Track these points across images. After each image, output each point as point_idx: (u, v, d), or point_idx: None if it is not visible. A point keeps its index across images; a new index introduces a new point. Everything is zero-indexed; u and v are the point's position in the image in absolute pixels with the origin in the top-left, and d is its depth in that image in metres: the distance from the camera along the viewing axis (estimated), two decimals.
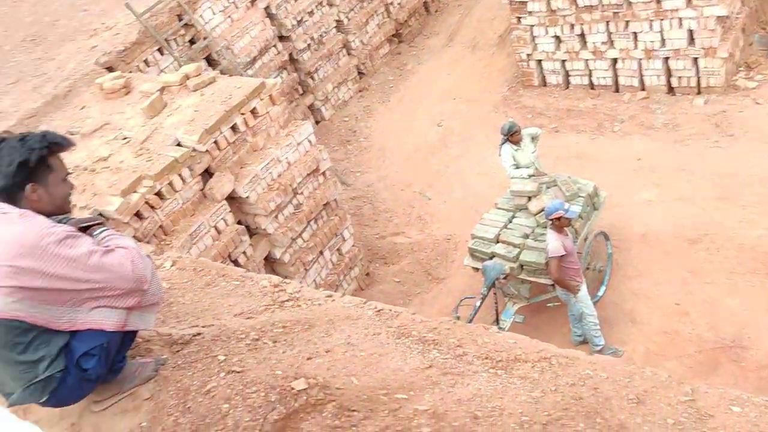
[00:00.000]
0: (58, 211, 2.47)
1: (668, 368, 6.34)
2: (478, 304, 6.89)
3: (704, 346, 6.43)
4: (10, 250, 2.27)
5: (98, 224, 2.60)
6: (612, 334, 6.84)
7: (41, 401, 2.44)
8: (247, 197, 6.95)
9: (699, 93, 9.30)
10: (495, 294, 7.00)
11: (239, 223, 7.15)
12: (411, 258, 8.89)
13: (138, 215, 6.26)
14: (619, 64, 9.73)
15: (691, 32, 8.90)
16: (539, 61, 10.43)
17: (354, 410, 2.57)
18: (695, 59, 9.06)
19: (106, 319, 2.41)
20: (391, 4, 12.76)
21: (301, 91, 11.53)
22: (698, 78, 9.21)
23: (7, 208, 2.37)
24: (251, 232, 7.31)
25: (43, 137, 2.41)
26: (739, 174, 8.04)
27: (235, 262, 6.91)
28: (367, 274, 8.74)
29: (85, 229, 2.54)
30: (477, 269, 7.29)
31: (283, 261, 7.40)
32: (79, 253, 2.32)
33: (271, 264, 7.51)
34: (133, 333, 2.70)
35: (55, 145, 2.44)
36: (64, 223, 2.47)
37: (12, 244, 2.27)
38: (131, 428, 2.67)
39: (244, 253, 7.06)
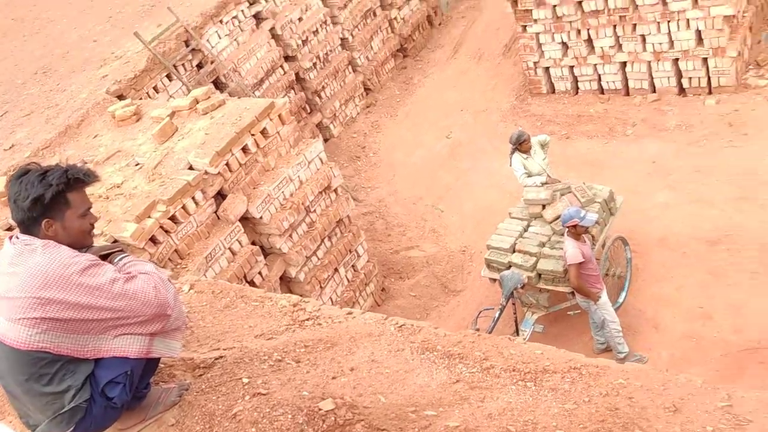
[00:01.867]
0: (76, 244, 2.45)
1: (694, 374, 6.23)
2: (497, 315, 6.83)
3: (730, 349, 6.32)
4: (35, 282, 2.27)
5: (119, 251, 2.60)
6: (635, 341, 6.75)
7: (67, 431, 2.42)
8: (261, 217, 6.95)
9: (710, 93, 9.24)
10: (513, 304, 6.94)
11: (253, 243, 7.15)
12: (426, 271, 8.85)
13: (153, 240, 6.27)
14: (628, 68, 9.70)
15: (699, 33, 8.86)
16: (547, 69, 10.41)
17: (383, 429, 2.53)
18: (705, 59, 9.01)
19: (129, 347, 2.39)
20: (395, 19, 12.83)
21: (309, 110, 11.58)
22: (708, 78, 9.16)
23: (30, 240, 2.37)
24: (266, 252, 7.30)
25: (64, 173, 2.41)
26: (757, 172, 7.96)
27: (251, 283, 6.90)
28: (383, 290, 8.70)
29: (105, 257, 2.54)
30: (494, 280, 7.24)
31: (298, 280, 7.38)
32: (102, 281, 2.31)
33: (286, 283, 7.50)
34: (156, 359, 2.68)
35: (76, 180, 2.43)
36: (85, 252, 2.47)
37: (36, 276, 2.27)
38: None
39: (260, 273, 7.04)
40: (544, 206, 7.23)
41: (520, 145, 7.38)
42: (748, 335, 6.38)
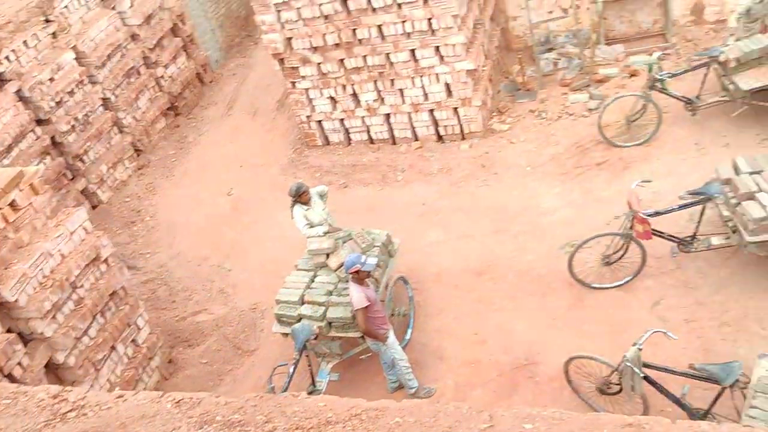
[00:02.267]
0: None
1: (475, 396, 6.76)
2: (291, 370, 6.78)
3: (503, 369, 6.96)
4: None
5: None
6: (424, 374, 7.12)
7: None
8: (16, 300, 6.19)
9: (464, 138, 10.30)
10: (308, 356, 6.95)
11: (9, 331, 6.32)
12: (217, 335, 8.53)
13: None
14: (392, 119, 10.47)
15: (447, 86, 9.89)
16: (319, 122, 10.84)
17: None
18: (455, 109, 10.06)
19: None
20: (162, 77, 12.48)
21: (70, 176, 10.69)
22: (461, 125, 10.21)
23: None
24: (26, 338, 6.49)
25: None
26: (508, 207, 8.99)
27: (10, 377, 6.07)
28: (170, 361, 8.19)
29: None
30: (286, 334, 7.21)
31: (68, 365, 6.65)
32: None
33: (54, 371, 6.72)
34: None
35: None
36: None
37: None
38: None
39: (20, 364, 6.23)
40: (328, 255, 7.41)
41: (300, 197, 7.54)
42: (516, 354, 7.08)
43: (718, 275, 7.18)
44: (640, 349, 5.56)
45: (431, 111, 10.19)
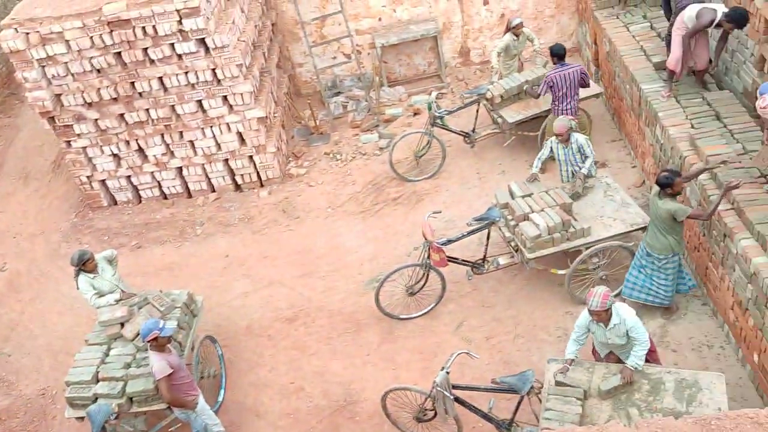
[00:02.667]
0: None
1: None
2: None
3: (323, 414, 6.93)
4: None
5: None
6: None
7: None
8: None
9: (262, 186, 10.27)
10: None
11: None
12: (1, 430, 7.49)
13: None
14: (185, 172, 10.13)
15: (240, 134, 9.84)
16: (103, 181, 10.15)
17: None
18: (251, 157, 10.01)
19: None
20: None
21: None
22: (258, 173, 10.18)
23: None
24: None
25: None
26: (313, 249, 9.09)
27: None
28: None
29: None
30: (82, 418, 6.54)
31: None
32: None
33: None
34: None
35: None
36: None
37: None
38: None
39: None
40: (123, 324, 6.89)
41: (84, 265, 6.96)
42: (335, 396, 7.10)
43: (508, 292, 7.87)
44: (447, 373, 5.86)
45: (226, 161, 10.03)
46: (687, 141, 7.39)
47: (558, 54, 8.56)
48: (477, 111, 9.69)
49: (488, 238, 7.62)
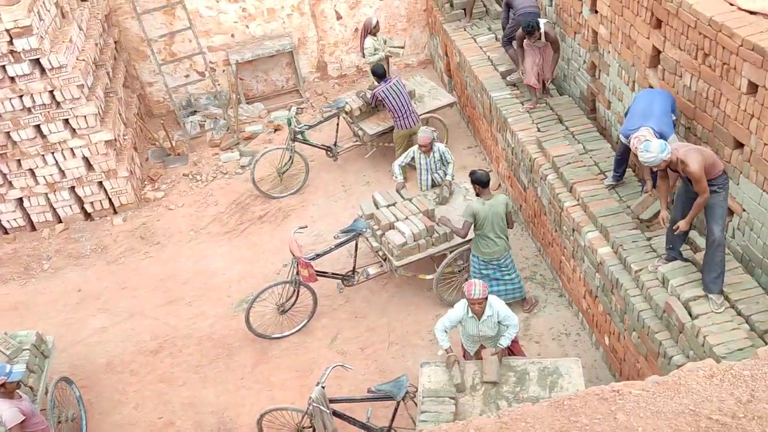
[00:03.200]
0: None
1: None
2: None
3: None
4: None
5: None
6: None
7: None
8: None
9: (116, 212, 9.79)
10: None
11: None
12: None
13: None
14: (26, 203, 9.44)
15: (86, 159, 9.32)
16: None
17: None
18: (100, 183, 9.51)
19: None
20: None
21: None
22: (110, 199, 9.69)
23: None
24: None
25: None
26: (177, 275, 8.79)
27: None
28: None
29: None
30: None
31: None
32: None
33: None
34: None
35: None
36: None
37: None
38: None
39: None
40: None
41: None
42: (208, 427, 6.89)
43: (380, 301, 8.05)
44: (323, 387, 5.89)
45: (72, 188, 9.46)
46: (535, 144, 7.97)
47: (378, 74, 9.13)
48: (337, 124, 9.86)
49: (356, 250, 7.76)
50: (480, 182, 6.96)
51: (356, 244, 7.75)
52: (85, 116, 8.96)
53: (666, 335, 5.69)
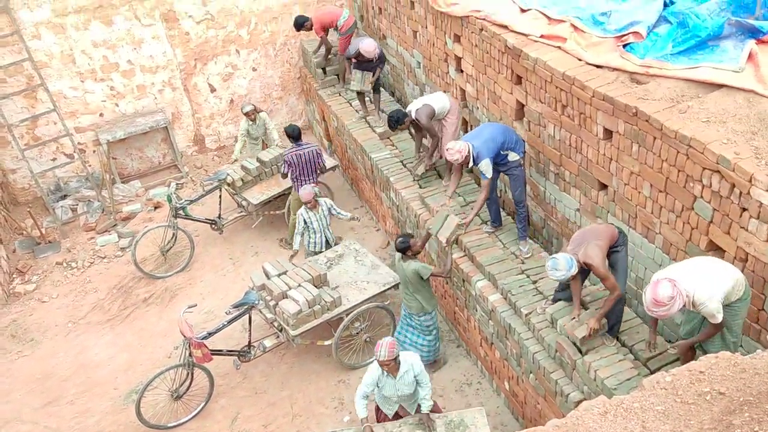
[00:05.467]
0: None
1: None
2: None
3: None
4: None
5: None
6: None
7: None
8: None
9: None
10: None
11: None
12: None
13: None
14: None
15: None
16: None
17: None
18: None
19: None
20: None
21: None
22: None
23: None
24: None
25: None
26: (56, 372, 8.14)
27: None
28: None
29: None
30: None
31: None
32: None
33: None
34: None
35: None
36: None
37: None
38: None
39: None
40: None
41: None
42: None
43: (280, 373, 7.82)
44: None
45: None
46: (418, 200, 8.21)
47: (292, 135, 9.01)
48: (220, 196, 9.69)
49: (250, 323, 7.55)
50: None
51: (250, 318, 7.53)
52: None
53: (561, 374, 5.90)
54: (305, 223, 8.30)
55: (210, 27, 11.11)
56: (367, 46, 9.13)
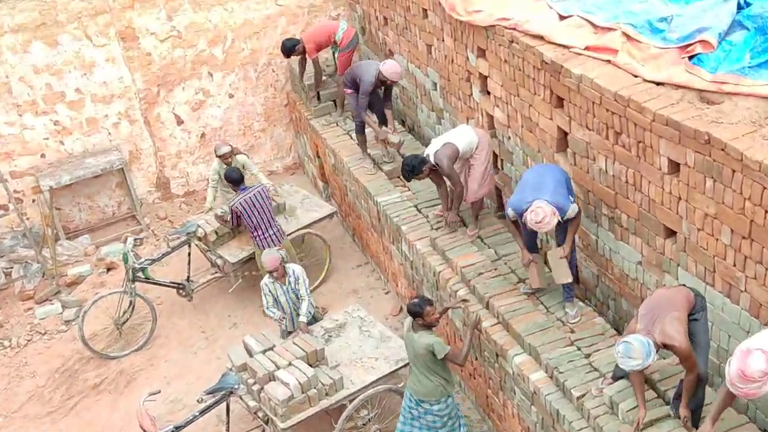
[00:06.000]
0: None
1: None
2: None
3: None
4: None
5: None
6: None
7: None
8: None
9: None
10: None
11: None
12: None
13: None
14: None
15: None
16: None
17: None
18: None
19: None
20: None
21: None
22: None
23: None
24: None
25: None
26: None
27: None
28: None
29: None
30: None
31: None
32: None
33: None
34: None
35: None
36: None
37: None
38: None
39: None
40: None
41: None
42: None
43: None
44: None
45: None
46: (437, 254, 8.17)
47: (233, 180, 9.14)
48: (189, 254, 9.71)
49: (228, 414, 7.48)
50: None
51: (227, 407, 7.47)
52: None
53: None
54: (271, 295, 8.18)
55: (176, 46, 11.33)
56: (392, 67, 9.11)
